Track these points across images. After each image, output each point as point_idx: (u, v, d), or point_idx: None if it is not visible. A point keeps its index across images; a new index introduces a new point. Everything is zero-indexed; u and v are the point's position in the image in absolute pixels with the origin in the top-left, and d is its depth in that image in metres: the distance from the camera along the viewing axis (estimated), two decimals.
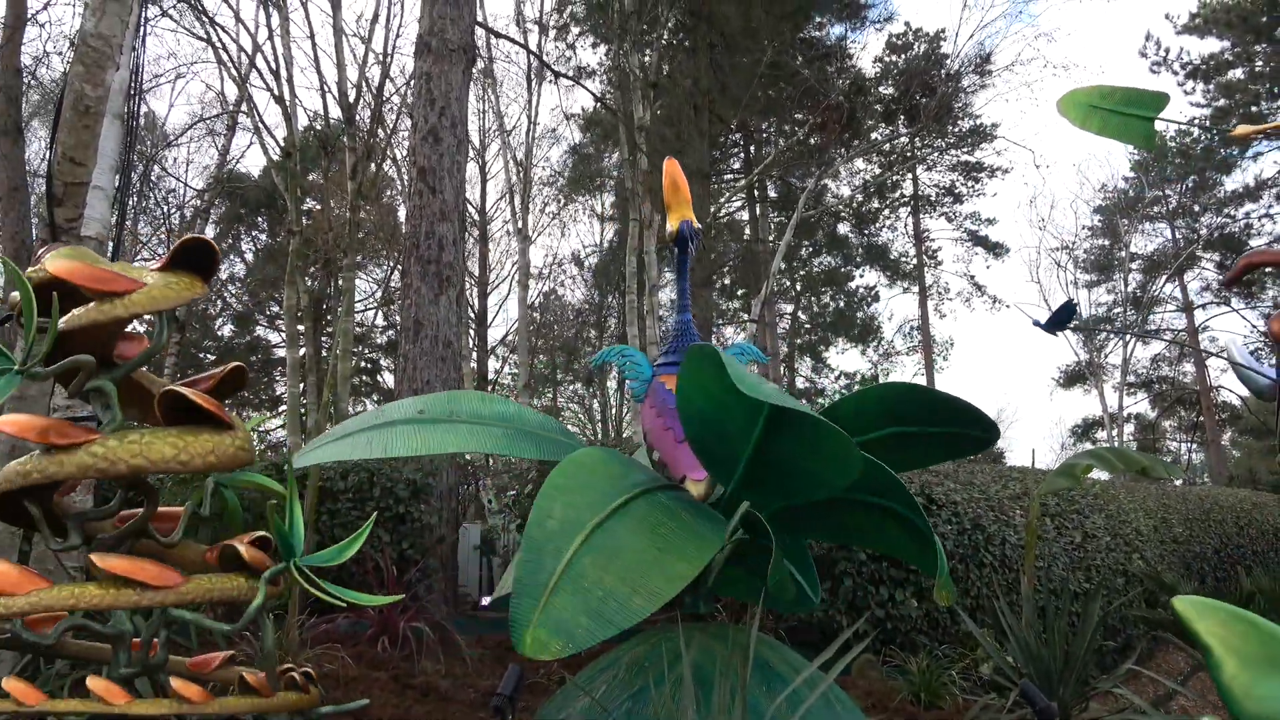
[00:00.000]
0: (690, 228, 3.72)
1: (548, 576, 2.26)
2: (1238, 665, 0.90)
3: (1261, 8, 23.38)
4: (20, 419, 2.09)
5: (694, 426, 3.11)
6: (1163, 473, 5.81)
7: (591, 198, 26.33)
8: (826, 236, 27.00)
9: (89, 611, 2.19)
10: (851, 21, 22.30)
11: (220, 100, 21.19)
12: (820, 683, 2.91)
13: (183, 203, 22.33)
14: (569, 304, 29.01)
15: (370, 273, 25.86)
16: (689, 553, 2.49)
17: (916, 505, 2.88)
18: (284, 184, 16.11)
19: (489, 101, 22.12)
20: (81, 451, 2.06)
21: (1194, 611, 0.95)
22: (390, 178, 21.03)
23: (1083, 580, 7.42)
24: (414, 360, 8.05)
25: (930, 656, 5.40)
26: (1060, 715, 3.97)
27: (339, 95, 15.51)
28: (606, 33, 18.64)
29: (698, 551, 2.50)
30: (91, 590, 2.07)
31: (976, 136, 25.11)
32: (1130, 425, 31.06)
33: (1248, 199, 27.94)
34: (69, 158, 4.21)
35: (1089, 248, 31.60)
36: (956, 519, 6.65)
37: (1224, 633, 0.93)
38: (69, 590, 2.08)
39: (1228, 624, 0.94)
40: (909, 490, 2.86)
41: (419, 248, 8.34)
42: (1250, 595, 5.85)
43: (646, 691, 3.12)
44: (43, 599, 2.04)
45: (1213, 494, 11.96)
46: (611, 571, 2.32)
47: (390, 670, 5.12)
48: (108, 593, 2.08)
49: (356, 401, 27.97)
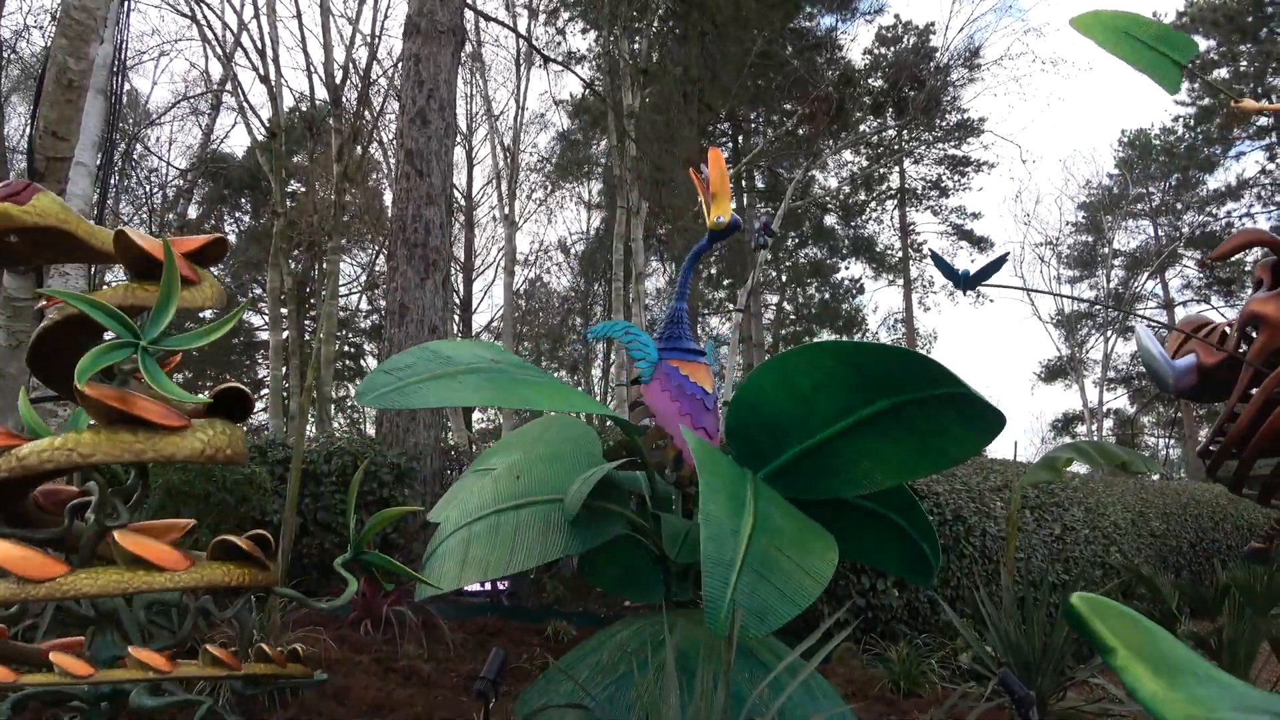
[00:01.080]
0: (739, 222, 3.90)
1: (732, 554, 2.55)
2: (1148, 671, 0.89)
3: (1248, 8, 23.54)
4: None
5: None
6: (1141, 467, 5.87)
7: (579, 185, 26.25)
8: (813, 228, 27.05)
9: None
10: (842, 12, 22.28)
11: (204, 79, 20.95)
12: (802, 670, 2.92)
13: (165, 182, 22.08)
14: (555, 291, 28.95)
15: (355, 257, 25.71)
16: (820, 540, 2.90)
17: (931, 531, 2.96)
18: (269, 165, 15.95)
19: (477, 86, 21.96)
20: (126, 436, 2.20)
21: (1091, 611, 0.94)
22: (376, 161, 20.87)
23: (1061, 572, 7.50)
24: (399, 344, 8.00)
25: (910, 645, 5.44)
26: (1038, 704, 4.01)
27: (325, 76, 15.37)
28: (597, 18, 18.54)
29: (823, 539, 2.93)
30: (112, 575, 2.15)
31: (964, 130, 25.19)
32: (1110, 420, 31.36)
33: (1229, 198, 28.21)
34: (51, 132, 4.15)
35: (1073, 243, 31.83)
36: (938, 510, 6.70)
37: (1127, 636, 0.92)
38: (92, 575, 2.15)
39: (1128, 627, 0.93)
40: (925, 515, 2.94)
41: (405, 231, 8.29)
42: (1225, 588, 5.93)
43: (630, 677, 3.13)
44: (77, 583, 2.12)
45: (1189, 489, 12.10)
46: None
47: (372, 653, 5.11)
48: (124, 577, 2.15)
49: (340, 386, 27.84)
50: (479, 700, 2.90)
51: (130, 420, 2.17)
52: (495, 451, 4.47)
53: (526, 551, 3.27)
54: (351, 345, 28.16)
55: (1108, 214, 29.58)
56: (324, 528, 6.68)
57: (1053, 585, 6.77)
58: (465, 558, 3.29)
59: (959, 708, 4.34)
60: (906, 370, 2.86)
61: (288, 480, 5.77)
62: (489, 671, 2.90)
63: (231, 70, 16.89)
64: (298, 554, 6.49)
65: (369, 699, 4.20)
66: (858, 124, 22.47)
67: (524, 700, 3.51)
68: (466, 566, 3.24)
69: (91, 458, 2.11)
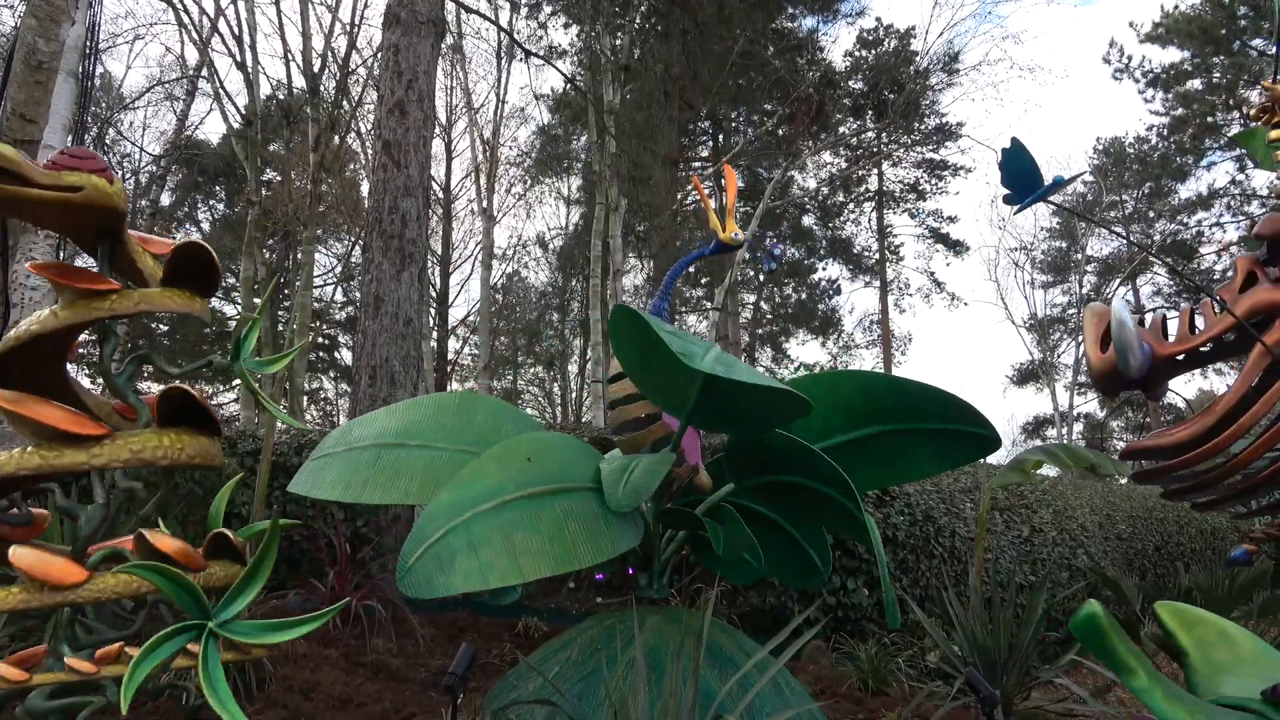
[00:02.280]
0: (750, 240, 4.07)
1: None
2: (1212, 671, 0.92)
3: (1221, 21, 23.89)
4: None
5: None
6: (1110, 469, 5.95)
7: (558, 180, 26.13)
8: (791, 228, 27.13)
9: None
10: (824, 14, 22.33)
11: (180, 64, 20.63)
12: (770, 667, 2.94)
13: (138, 168, 21.76)
14: (532, 286, 28.86)
15: (330, 248, 25.46)
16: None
17: (854, 493, 2.99)
18: (244, 153, 15.76)
19: (457, 78, 21.83)
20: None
21: (1178, 621, 0.98)
22: (354, 151, 20.68)
23: (1029, 573, 7.59)
24: (373, 336, 7.94)
25: (879, 644, 5.48)
26: (1003, 703, 4.05)
27: (303, 64, 15.21)
28: (579, 13, 18.48)
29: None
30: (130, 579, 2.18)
31: (942, 134, 25.39)
32: (1079, 424, 31.79)
33: (1200, 207, 28.62)
34: (19, 114, 4.08)
35: (1046, 249, 32.22)
36: (909, 510, 6.75)
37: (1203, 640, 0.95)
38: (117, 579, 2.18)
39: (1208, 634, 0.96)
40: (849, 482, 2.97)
41: (382, 222, 8.22)
42: (1188, 590, 6.04)
43: (599, 674, 3.13)
44: (107, 585, 2.10)
45: (1156, 493, 12.27)
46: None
47: (341, 648, 5.07)
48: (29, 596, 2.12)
49: (313, 378, 27.57)
50: (447, 695, 2.88)
51: (52, 430, 2.11)
52: (408, 429, 3.77)
53: (585, 548, 2.92)
54: (326, 337, 27.90)
55: (1081, 221, 29.96)
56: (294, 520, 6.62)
57: (1020, 586, 6.85)
58: (511, 548, 2.81)
59: (925, 706, 4.38)
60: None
61: (257, 472, 5.72)
62: (457, 666, 2.88)
63: (208, 56, 16.68)
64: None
65: (336, 693, 4.16)
66: (837, 126, 22.57)
67: (493, 696, 3.50)
68: (520, 556, 2.80)
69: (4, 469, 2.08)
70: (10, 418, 2.10)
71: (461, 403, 3.94)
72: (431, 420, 3.74)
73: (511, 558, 2.76)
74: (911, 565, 6.61)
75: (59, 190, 2.10)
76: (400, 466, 3.47)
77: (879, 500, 6.67)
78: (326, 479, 3.48)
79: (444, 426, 3.70)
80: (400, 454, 3.52)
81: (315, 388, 28.37)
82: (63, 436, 2.13)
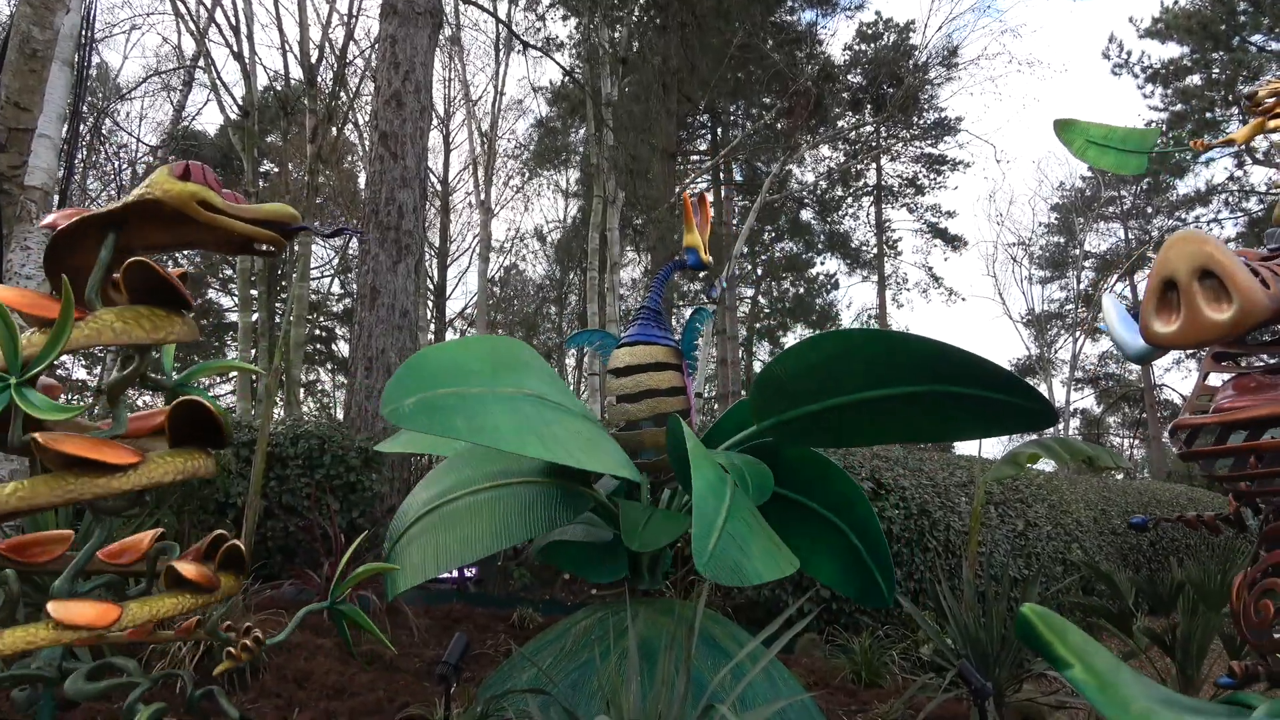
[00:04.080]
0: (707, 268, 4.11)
1: None
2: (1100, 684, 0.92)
3: (1221, 16, 23.86)
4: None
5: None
6: (1108, 462, 5.95)
7: (556, 172, 26.12)
8: (789, 222, 27.13)
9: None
10: (823, 7, 22.31)
11: (177, 54, 20.58)
12: (763, 658, 2.95)
13: (134, 159, 21.68)
14: (530, 279, 28.87)
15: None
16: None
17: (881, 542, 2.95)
18: (241, 144, 15.73)
19: (455, 70, 21.80)
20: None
21: (1048, 629, 0.96)
22: (351, 143, 20.64)
23: (1023, 567, 7.61)
24: (370, 328, 7.94)
25: (872, 636, 5.50)
26: (995, 696, 4.07)
27: (301, 55, 15.16)
28: (577, 5, 18.43)
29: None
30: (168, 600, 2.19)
31: (940, 129, 25.39)
32: (1076, 420, 31.86)
33: (1198, 203, 28.64)
34: (13, 102, 4.06)
35: (1045, 244, 32.25)
36: (904, 504, 6.76)
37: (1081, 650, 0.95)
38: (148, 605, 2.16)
39: (1085, 645, 0.95)
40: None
41: (378, 214, 8.21)
42: (1180, 585, 6.05)
43: (592, 664, 3.14)
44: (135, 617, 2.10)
45: (1151, 488, 12.32)
46: None
47: (335, 637, 5.08)
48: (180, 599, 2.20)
49: (310, 370, 27.56)
50: (440, 684, 2.90)
51: (78, 460, 2.08)
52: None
53: (511, 528, 3.20)
54: (322, 329, 27.88)
55: (1080, 216, 29.97)
56: (289, 511, 6.62)
57: (1014, 580, 6.87)
58: (438, 542, 3.20)
59: (918, 698, 4.39)
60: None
61: (253, 463, 5.72)
62: (451, 656, 2.90)
63: (205, 46, 16.61)
64: (261, 538, 6.43)
65: (330, 683, 4.17)
66: (836, 119, 22.56)
67: (488, 685, 3.51)
68: (441, 552, 3.15)
69: (34, 502, 2.05)
70: (43, 454, 2.06)
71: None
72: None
73: (435, 552, 3.19)
74: (906, 558, 6.62)
75: (255, 221, 2.16)
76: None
77: (874, 493, 6.68)
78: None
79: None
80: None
81: (312, 379, 28.37)
82: (96, 466, 2.10)
